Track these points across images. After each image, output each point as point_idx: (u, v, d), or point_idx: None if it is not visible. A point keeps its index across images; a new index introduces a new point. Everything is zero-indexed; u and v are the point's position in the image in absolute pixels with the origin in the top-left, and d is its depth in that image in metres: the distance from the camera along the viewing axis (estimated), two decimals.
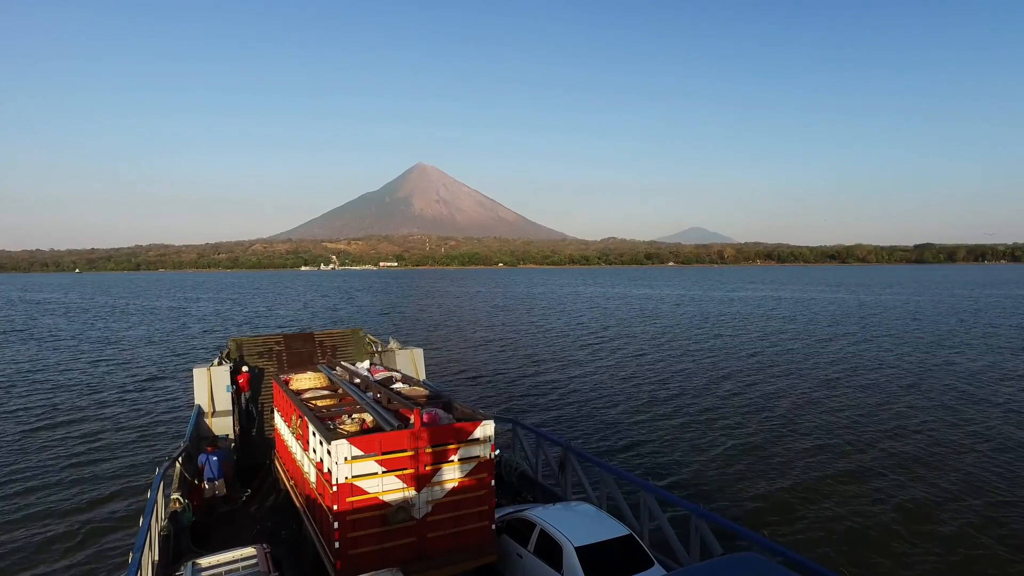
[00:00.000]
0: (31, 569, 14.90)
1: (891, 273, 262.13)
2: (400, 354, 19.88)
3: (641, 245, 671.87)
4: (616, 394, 32.21)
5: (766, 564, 7.43)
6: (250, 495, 15.86)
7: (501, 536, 11.19)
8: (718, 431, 25.23)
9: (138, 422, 27.58)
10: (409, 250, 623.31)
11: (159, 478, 12.02)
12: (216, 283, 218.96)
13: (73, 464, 22.12)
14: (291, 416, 13.12)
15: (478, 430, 10.51)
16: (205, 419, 16.96)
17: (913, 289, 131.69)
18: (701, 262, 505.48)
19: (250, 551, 10.11)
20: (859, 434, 24.50)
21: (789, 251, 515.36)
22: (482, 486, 10.57)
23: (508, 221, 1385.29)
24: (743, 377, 36.37)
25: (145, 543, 9.59)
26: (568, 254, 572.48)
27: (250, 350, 19.81)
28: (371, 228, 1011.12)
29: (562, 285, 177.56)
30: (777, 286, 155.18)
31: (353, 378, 14.57)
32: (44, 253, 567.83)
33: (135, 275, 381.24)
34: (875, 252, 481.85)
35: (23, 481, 20.34)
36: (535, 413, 28.43)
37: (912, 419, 26.59)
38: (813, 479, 19.81)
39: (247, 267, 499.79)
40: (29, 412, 29.60)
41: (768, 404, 29.65)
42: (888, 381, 34.58)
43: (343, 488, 9.51)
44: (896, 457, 21.79)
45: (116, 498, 19.01)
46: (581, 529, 10.28)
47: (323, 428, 10.49)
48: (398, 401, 11.79)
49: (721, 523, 10.91)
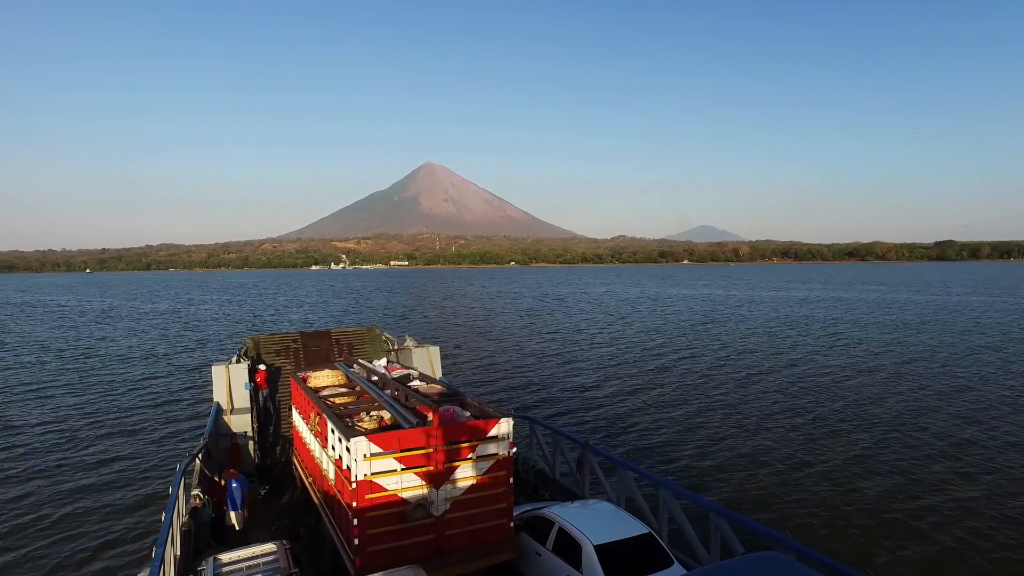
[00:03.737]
0: (59, 561, 15.16)
1: (928, 271, 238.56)
2: (416, 352, 19.92)
3: (652, 243, 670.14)
4: (639, 395, 31.74)
5: (789, 563, 7.28)
6: (268, 492, 15.97)
7: (519, 534, 11.16)
8: (745, 432, 24.68)
9: (159, 419, 27.94)
10: (419, 249, 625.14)
11: (180, 475, 12.12)
12: (228, 283, 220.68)
13: (98, 460, 22.50)
14: (309, 413, 13.17)
15: (496, 427, 10.49)
16: (224, 416, 17.11)
17: (987, 289, 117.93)
18: (716, 260, 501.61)
19: (270, 547, 10.19)
20: (930, 451, 22.13)
21: (806, 248, 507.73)
22: (500, 483, 10.55)
23: (516, 219, 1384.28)
24: (788, 382, 34.18)
25: (167, 538, 9.67)
26: (580, 252, 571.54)
27: (267, 348, 19.97)
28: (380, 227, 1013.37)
29: (589, 285, 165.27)
30: (823, 286, 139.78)
31: (370, 376, 14.60)
32: (56, 253, 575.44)
33: (146, 275, 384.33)
34: (895, 249, 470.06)
35: (49, 477, 20.64)
36: (552, 411, 28.39)
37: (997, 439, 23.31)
38: (849, 484, 19.02)
39: (257, 266, 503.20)
40: (54, 410, 30.04)
41: (816, 410, 28.01)
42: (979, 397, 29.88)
43: (362, 485, 9.53)
44: (958, 475, 19.78)
45: (139, 493, 19.26)
46: (600, 527, 10.23)
47: (342, 425, 10.52)
48: (416, 399, 11.79)
49: (742, 522, 10.75)
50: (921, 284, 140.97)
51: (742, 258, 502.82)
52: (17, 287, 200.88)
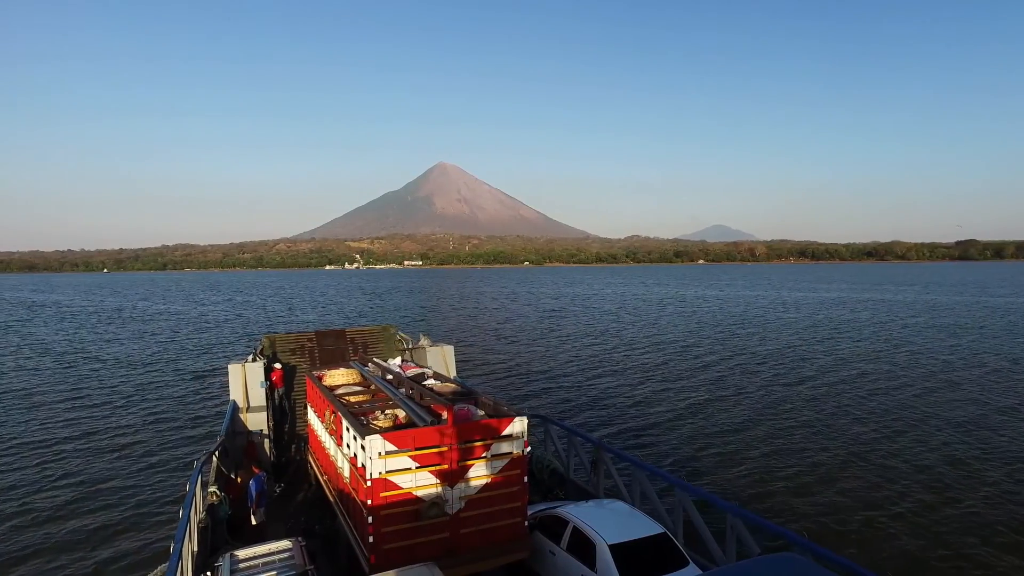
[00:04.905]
0: (79, 554, 15.40)
1: (954, 271, 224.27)
2: (431, 351, 19.98)
3: (667, 243, 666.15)
4: (661, 398, 31.22)
5: (806, 564, 7.18)
6: (284, 490, 16.11)
7: (533, 533, 11.16)
8: (767, 436, 24.11)
9: (175, 416, 28.30)
10: (432, 249, 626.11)
11: (197, 472, 12.24)
12: (243, 283, 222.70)
13: (117, 455, 22.87)
14: (325, 412, 13.25)
15: (510, 426, 10.50)
16: (240, 414, 17.29)
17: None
18: (732, 259, 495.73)
19: (286, 544, 10.27)
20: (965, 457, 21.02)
21: (823, 248, 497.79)
22: (515, 482, 10.55)
23: (529, 219, 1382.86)
24: (832, 387, 32.52)
25: (185, 534, 9.78)
26: (594, 252, 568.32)
27: (283, 347, 20.14)
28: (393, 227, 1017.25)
29: (609, 285, 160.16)
30: (851, 286, 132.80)
31: (385, 374, 14.67)
32: (75, 253, 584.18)
33: (162, 275, 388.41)
34: (915, 249, 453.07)
35: (69, 475, 20.96)
36: (567, 411, 28.29)
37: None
38: (871, 489, 18.52)
39: (271, 266, 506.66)
40: (73, 407, 30.52)
41: (844, 413, 26.98)
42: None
43: (377, 483, 9.57)
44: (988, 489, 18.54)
45: (156, 489, 19.52)
46: (615, 527, 10.20)
47: (357, 423, 10.57)
48: (430, 397, 11.82)
49: (758, 522, 10.65)
50: (956, 285, 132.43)
51: (758, 258, 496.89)
52: (40, 286, 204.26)
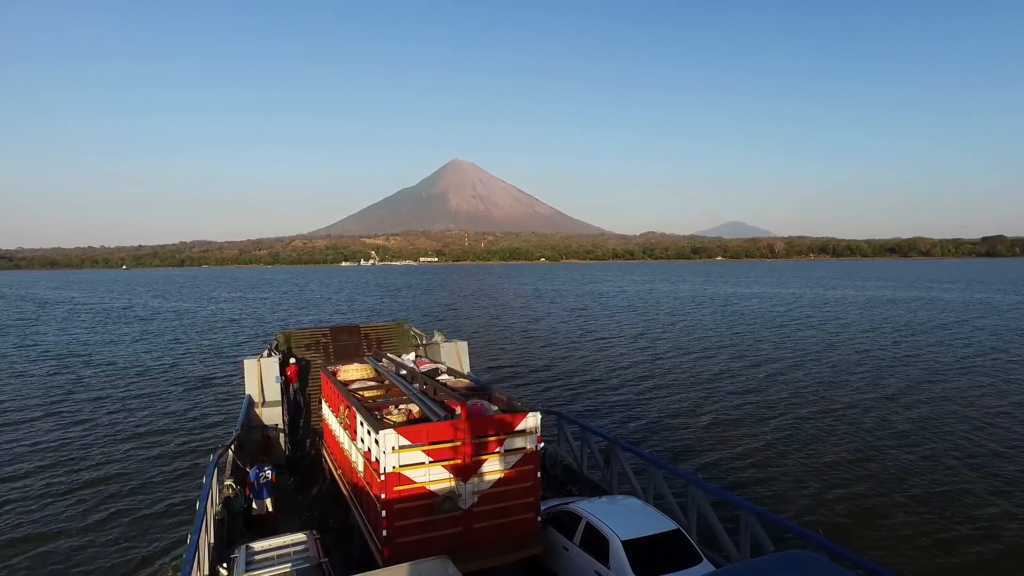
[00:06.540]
0: (98, 546, 15.67)
1: (986, 268, 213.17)
2: (445, 347, 20.06)
3: (683, 239, 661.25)
4: (679, 396, 30.81)
5: (820, 562, 7.14)
6: (298, 483, 16.28)
7: (546, 528, 11.15)
8: (783, 434, 23.82)
9: (192, 411, 28.73)
10: (448, 245, 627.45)
11: (213, 465, 12.42)
12: (259, 279, 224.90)
13: (133, 447, 23.28)
14: (339, 406, 13.36)
15: (524, 422, 10.50)
16: (255, 408, 17.51)
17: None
18: (751, 256, 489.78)
19: (300, 537, 10.39)
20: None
21: (844, 244, 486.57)
22: (528, 477, 10.56)
23: (544, 216, 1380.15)
24: (842, 386, 31.79)
25: (201, 526, 9.93)
26: (610, 249, 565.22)
27: (298, 342, 20.35)
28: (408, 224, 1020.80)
29: (629, 283, 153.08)
30: (883, 282, 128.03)
31: (399, 370, 14.75)
32: (95, 250, 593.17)
33: (179, 271, 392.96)
34: (940, 245, 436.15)
35: (88, 468, 21.34)
36: (580, 407, 28.23)
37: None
38: (890, 487, 18.28)
39: (287, 263, 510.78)
40: (91, 402, 31.09)
41: (865, 414, 26.34)
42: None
43: (391, 477, 9.63)
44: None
45: (173, 482, 19.83)
46: (628, 523, 10.17)
47: (371, 418, 10.64)
48: (444, 392, 11.86)
49: (773, 519, 10.59)
50: (998, 282, 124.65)
51: (777, 254, 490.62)
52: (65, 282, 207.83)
